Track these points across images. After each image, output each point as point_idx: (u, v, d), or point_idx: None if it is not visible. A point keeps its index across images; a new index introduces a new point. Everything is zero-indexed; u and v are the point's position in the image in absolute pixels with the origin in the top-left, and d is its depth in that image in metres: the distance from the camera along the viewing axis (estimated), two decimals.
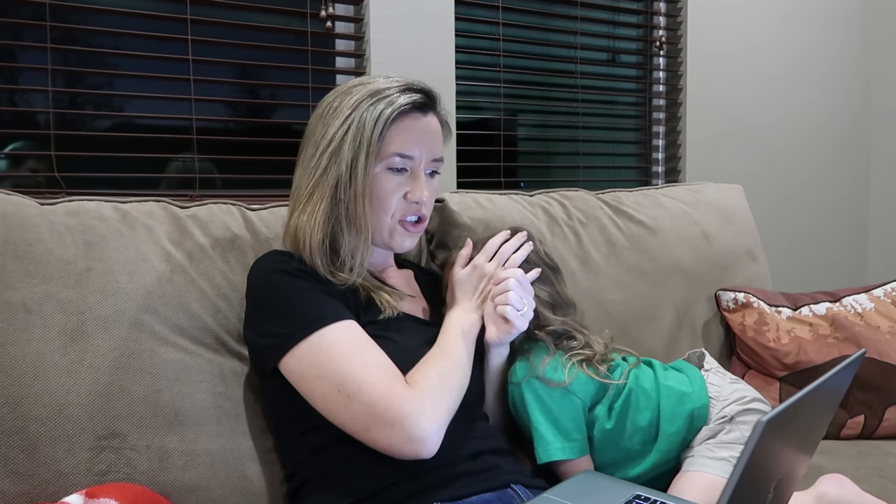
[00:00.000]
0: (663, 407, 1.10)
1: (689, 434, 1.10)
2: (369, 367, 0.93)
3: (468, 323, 1.07)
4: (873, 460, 1.32)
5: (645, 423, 1.10)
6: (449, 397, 0.95)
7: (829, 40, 2.52)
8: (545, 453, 1.07)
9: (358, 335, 0.97)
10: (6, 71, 1.47)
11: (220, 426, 1.05)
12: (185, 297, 1.08)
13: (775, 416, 0.57)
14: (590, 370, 1.11)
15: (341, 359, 0.93)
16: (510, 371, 1.12)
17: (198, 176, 1.60)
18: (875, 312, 1.50)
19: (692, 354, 1.25)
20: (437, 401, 0.93)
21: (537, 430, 1.08)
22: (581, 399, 1.09)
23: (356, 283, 1.03)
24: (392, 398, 0.90)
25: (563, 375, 1.08)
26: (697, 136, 2.26)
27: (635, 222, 1.57)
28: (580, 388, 1.09)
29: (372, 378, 0.92)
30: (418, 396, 0.92)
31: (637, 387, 1.12)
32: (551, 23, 2.09)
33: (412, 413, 0.90)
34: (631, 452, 1.11)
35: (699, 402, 1.10)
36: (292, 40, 1.70)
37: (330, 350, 0.94)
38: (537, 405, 1.08)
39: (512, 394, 1.11)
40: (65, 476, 0.94)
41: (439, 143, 1.08)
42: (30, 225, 1.03)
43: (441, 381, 0.95)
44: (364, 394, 0.91)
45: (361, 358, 0.94)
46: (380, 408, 0.90)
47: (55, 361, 0.97)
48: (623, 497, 0.96)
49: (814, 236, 2.55)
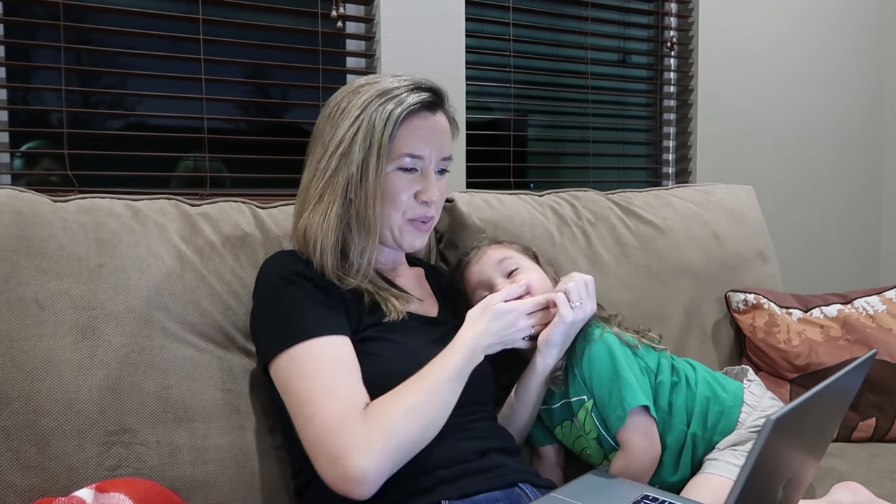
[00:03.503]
0: (699, 395, 1.12)
1: (715, 433, 1.10)
2: (330, 391, 0.90)
3: (479, 343, 1.00)
4: (884, 462, 1.31)
5: (682, 406, 1.11)
6: (406, 439, 0.89)
7: (841, 40, 2.51)
8: (633, 398, 1.04)
9: (334, 355, 0.94)
10: (20, 70, 1.49)
11: (230, 422, 1.05)
12: (196, 294, 1.08)
13: (784, 414, 0.57)
14: (653, 342, 1.17)
15: (309, 378, 0.92)
16: (583, 335, 1.11)
17: (209, 175, 1.61)
18: (887, 314, 1.49)
19: (730, 370, 1.26)
20: (387, 441, 0.87)
21: (623, 377, 1.06)
22: (647, 363, 1.12)
23: (361, 288, 1.03)
24: (340, 430, 0.87)
25: (633, 339, 1.13)
26: (708, 137, 2.25)
27: (645, 222, 1.56)
28: (645, 353, 1.13)
29: (328, 405, 0.89)
30: (367, 433, 0.87)
31: (682, 369, 1.16)
32: (562, 23, 2.09)
33: (356, 449, 0.86)
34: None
35: (731, 402, 1.12)
36: (303, 40, 1.71)
37: (303, 367, 0.93)
38: (622, 355, 1.08)
39: (589, 352, 1.09)
40: (75, 470, 0.95)
41: (448, 142, 1.08)
42: (43, 222, 1.04)
43: (402, 419, 0.89)
44: (316, 418, 0.89)
45: (328, 381, 0.91)
46: (327, 439, 0.87)
47: (67, 357, 0.98)
48: (631, 497, 0.96)
49: (825, 237, 2.53)
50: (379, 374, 0.95)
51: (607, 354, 1.08)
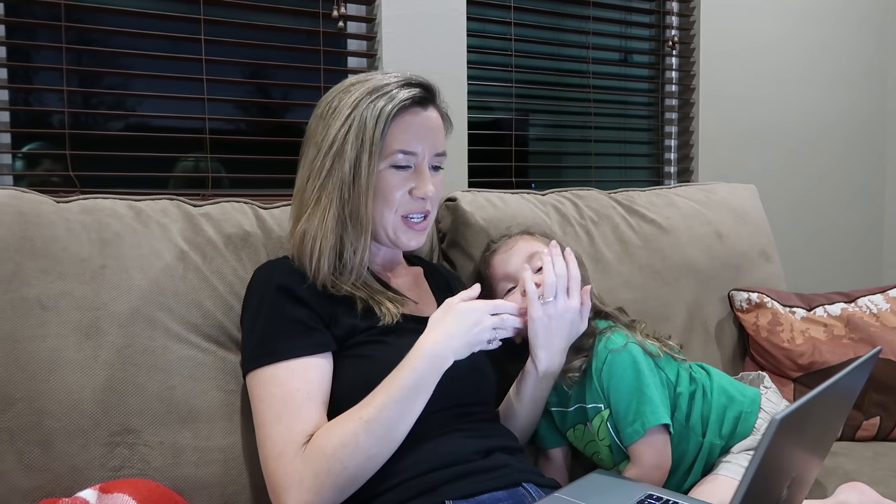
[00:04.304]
0: (715, 403, 1.11)
1: (731, 439, 1.10)
2: (276, 423, 0.92)
3: (441, 349, 0.94)
4: (889, 461, 1.31)
5: (698, 417, 1.09)
6: (342, 473, 0.88)
7: (842, 40, 2.50)
8: (654, 416, 1.02)
9: (293, 381, 0.94)
10: (21, 71, 1.49)
11: (233, 423, 1.05)
12: (199, 294, 1.08)
13: (789, 413, 0.57)
14: (673, 351, 1.13)
15: (264, 402, 0.95)
16: (605, 341, 1.08)
17: (210, 175, 1.61)
18: (891, 313, 1.48)
19: (746, 375, 1.25)
20: (318, 481, 0.87)
21: (645, 394, 1.03)
22: (667, 375, 1.09)
23: (355, 295, 1.02)
24: (276, 467, 0.90)
25: (656, 349, 1.10)
26: (710, 136, 2.25)
27: (648, 221, 1.56)
28: (665, 364, 1.10)
29: (274, 436, 0.92)
30: (298, 475, 0.88)
31: (700, 378, 1.13)
32: (563, 23, 2.08)
33: (286, 490, 0.88)
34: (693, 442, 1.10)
35: (748, 408, 1.11)
36: (304, 40, 1.71)
37: (263, 389, 0.95)
38: (646, 368, 1.05)
39: (612, 361, 1.06)
40: (79, 471, 0.95)
41: (441, 137, 1.07)
42: (46, 223, 1.04)
43: (334, 456, 0.87)
44: (263, 448, 0.93)
45: (278, 411, 0.93)
46: (267, 471, 0.92)
47: (70, 357, 0.98)
48: (635, 496, 0.95)
49: (828, 236, 2.53)
50: (373, 376, 0.94)
51: (631, 366, 1.05)
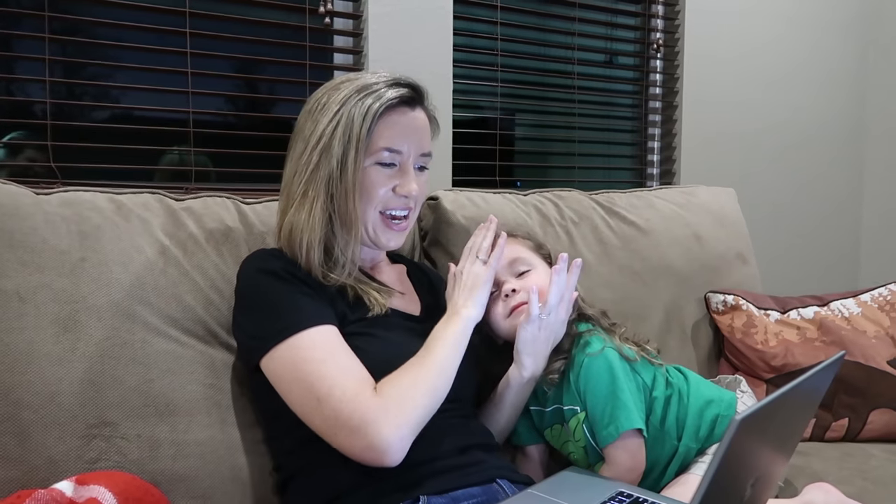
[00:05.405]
0: (691, 407, 1.11)
1: (706, 442, 1.11)
2: (341, 371, 0.93)
3: (461, 325, 1.04)
4: (855, 462, 1.34)
5: (673, 420, 1.11)
6: (418, 406, 0.93)
7: (826, 45, 2.54)
8: (628, 420, 1.04)
9: (332, 340, 0.97)
10: (3, 60, 1.48)
11: (211, 417, 1.06)
12: (178, 288, 1.09)
13: (751, 413, 0.59)
14: (650, 355, 1.14)
15: (314, 362, 0.94)
16: (583, 345, 1.10)
17: (193, 169, 1.60)
18: (862, 317, 1.51)
19: (723, 378, 1.26)
20: (402, 410, 0.91)
21: (620, 398, 1.04)
22: (643, 379, 1.10)
23: (346, 284, 1.04)
24: (357, 404, 0.90)
25: (633, 353, 1.11)
26: (692, 139, 2.27)
27: (627, 223, 1.58)
28: (642, 368, 1.11)
29: (342, 381, 0.92)
30: (383, 405, 0.90)
31: (676, 382, 1.14)
32: (549, 23, 2.10)
33: (375, 421, 0.89)
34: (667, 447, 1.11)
35: (724, 412, 1.12)
36: (291, 35, 1.71)
37: (304, 353, 0.94)
38: (622, 373, 1.07)
39: (587, 366, 1.07)
40: (55, 463, 0.95)
41: (427, 138, 1.09)
42: (25, 214, 1.03)
43: (410, 389, 0.93)
44: (333, 397, 0.91)
45: (336, 361, 0.94)
46: (345, 413, 0.90)
47: (48, 350, 0.98)
48: (606, 493, 0.97)
49: (808, 240, 2.56)
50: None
51: (607, 371, 1.06)
